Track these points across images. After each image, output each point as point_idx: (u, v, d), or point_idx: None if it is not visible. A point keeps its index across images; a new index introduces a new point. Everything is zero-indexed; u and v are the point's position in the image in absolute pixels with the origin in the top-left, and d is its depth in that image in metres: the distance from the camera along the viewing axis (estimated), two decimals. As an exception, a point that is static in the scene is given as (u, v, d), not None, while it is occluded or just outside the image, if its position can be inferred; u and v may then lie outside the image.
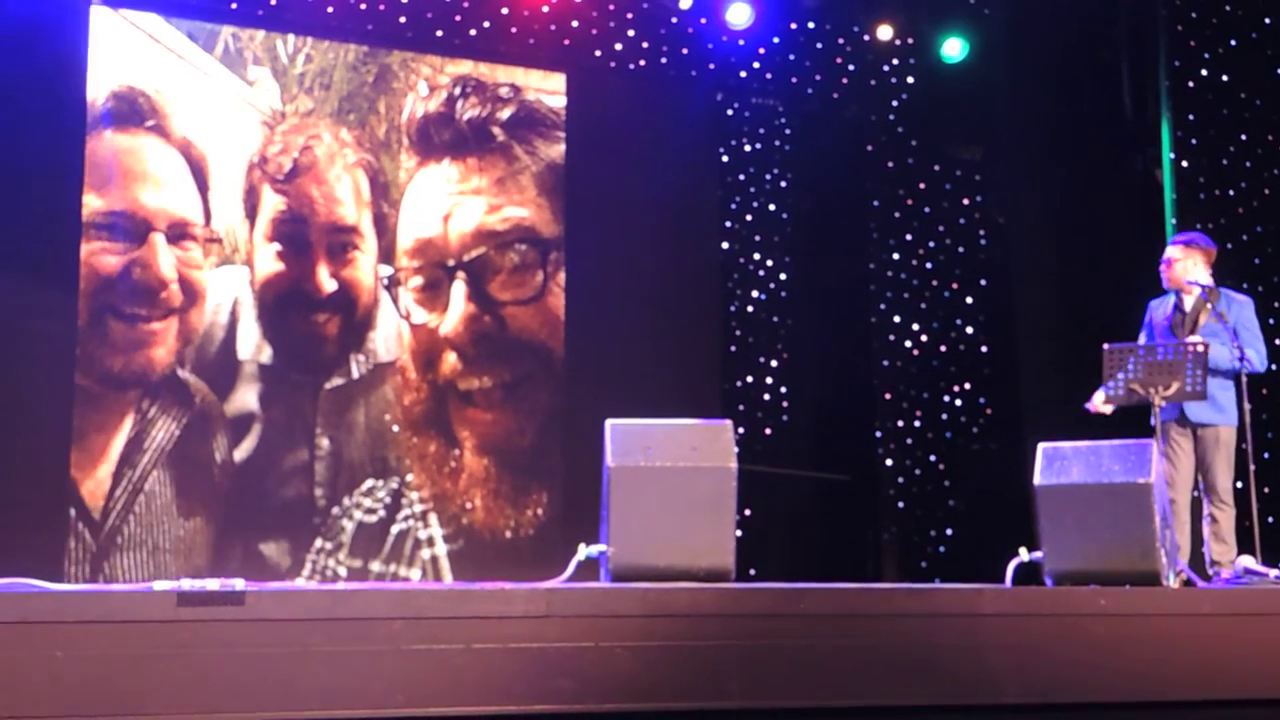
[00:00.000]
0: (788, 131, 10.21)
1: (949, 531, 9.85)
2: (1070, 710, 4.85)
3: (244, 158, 8.51)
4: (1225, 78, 9.17)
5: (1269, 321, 8.04)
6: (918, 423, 9.93)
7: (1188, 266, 6.85)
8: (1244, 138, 9.11)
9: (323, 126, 8.72)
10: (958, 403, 10.01)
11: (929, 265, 10.08)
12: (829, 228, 10.16)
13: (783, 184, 10.17)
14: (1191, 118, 9.16)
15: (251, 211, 8.50)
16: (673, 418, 5.49)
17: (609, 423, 5.32)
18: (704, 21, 9.57)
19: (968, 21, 10.06)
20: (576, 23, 9.30)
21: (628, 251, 9.29)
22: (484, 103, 9.15)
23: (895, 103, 10.17)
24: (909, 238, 10.07)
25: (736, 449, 5.33)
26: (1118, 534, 5.41)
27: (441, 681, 4.26)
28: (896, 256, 10.05)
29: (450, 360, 8.93)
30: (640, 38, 9.51)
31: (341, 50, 8.84)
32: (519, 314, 9.14)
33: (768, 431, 9.86)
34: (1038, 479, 5.61)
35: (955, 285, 10.09)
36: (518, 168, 9.20)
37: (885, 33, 10.04)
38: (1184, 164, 9.12)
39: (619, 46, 9.47)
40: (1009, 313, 9.87)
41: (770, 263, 10.08)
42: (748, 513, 8.60)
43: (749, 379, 9.90)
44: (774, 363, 9.99)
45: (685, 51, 9.63)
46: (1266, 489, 8.17)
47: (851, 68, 10.13)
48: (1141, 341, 6.92)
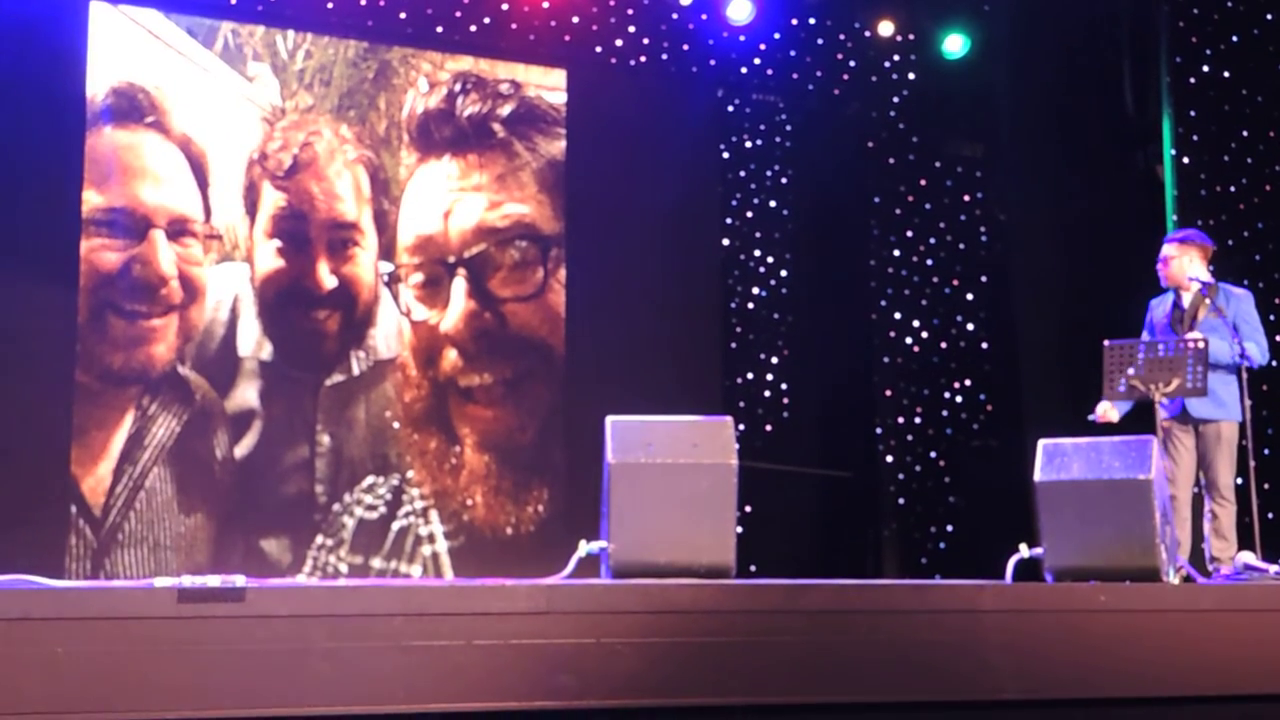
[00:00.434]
0: (788, 128, 10.20)
1: (949, 528, 9.86)
2: (1070, 706, 4.85)
3: (244, 154, 8.50)
4: (1227, 74, 9.17)
5: (1269, 318, 8.03)
6: (918, 419, 9.93)
7: (1184, 264, 6.83)
8: (1245, 134, 9.11)
9: (323, 123, 8.72)
10: (958, 399, 10.01)
11: (930, 262, 10.08)
12: (830, 224, 10.16)
13: (783, 180, 10.16)
14: (1193, 114, 9.16)
15: (252, 208, 8.49)
16: (673, 414, 5.48)
17: (609, 419, 5.32)
18: (705, 17, 9.56)
19: (969, 17, 10.06)
20: (577, 19, 9.29)
21: (628, 248, 9.28)
22: (484, 99, 9.15)
23: (896, 99, 10.18)
24: (910, 234, 10.07)
25: (737, 445, 5.32)
26: (1118, 530, 5.41)
27: (442, 678, 4.26)
28: (897, 253, 10.05)
29: (451, 357, 8.93)
30: (641, 34, 9.51)
31: (341, 46, 8.83)
32: (519, 310, 9.14)
33: (768, 428, 9.86)
34: (1038, 475, 5.60)
35: (956, 282, 10.09)
36: (518, 164, 9.19)
37: (886, 29, 10.04)
38: (1185, 160, 9.12)
39: (619, 42, 9.46)
40: (1010, 309, 9.87)
41: (771, 259, 10.08)
42: (748, 509, 8.60)
43: (750, 375, 9.90)
44: (775, 359, 9.98)
45: (686, 48, 9.62)
46: (1267, 485, 8.18)
47: (852, 64, 10.13)
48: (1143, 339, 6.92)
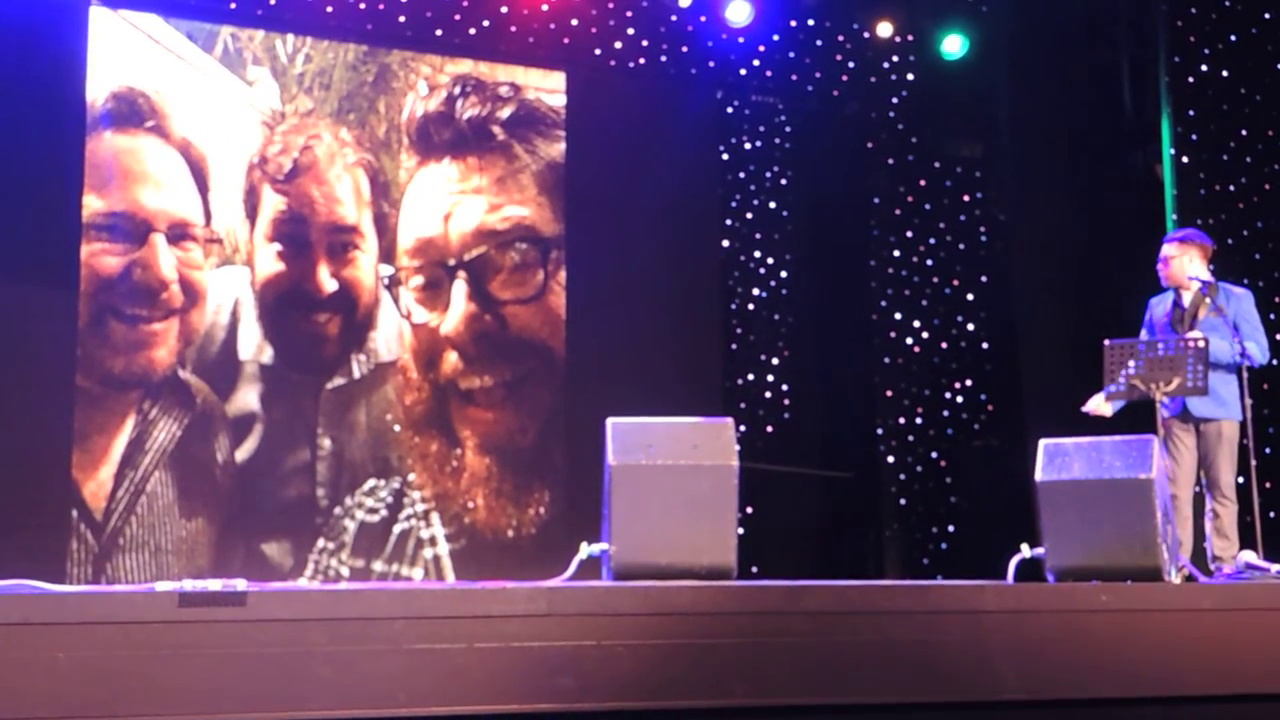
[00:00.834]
0: (788, 129, 10.20)
1: (951, 528, 9.85)
2: (1073, 707, 4.85)
3: (244, 158, 8.50)
4: (1225, 73, 9.17)
5: (1269, 317, 8.03)
6: (919, 420, 9.93)
7: (1184, 263, 6.83)
8: (1244, 133, 9.11)
9: (322, 126, 8.72)
10: (959, 399, 10.01)
11: (930, 262, 10.08)
12: (829, 225, 10.16)
13: (783, 181, 10.16)
14: (1192, 113, 9.16)
15: (252, 212, 8.50)
16: (674, 416, 5.48)
17: (610, 421, 5.32)
18: (704, 19, 9.57)
19: (968, 18, 10.06)
20: (576, 21, 9.29)
21: (628, 250, 9.28)
22: (484, 102, 9.15)
23: (895, 100, 10.18)
24: (909, 235, 10.07)
25: (738, 447, 5.33)
26: (1119, 530, 5.41)
27: (443, 681, 4.26)
28: (897, 254, 10.05)
29: (451, 359, 8.93)
30: (640, 36, 9.51)
31: (341, 50, 8.84)
32: (520, 313, 9.14)
33: (769, 429, 9.86)
34: (1039, 475, 5.60)
35: (956, 282, 10.09)
36: (518, 167, 9.20)
37: (885, 30, 10.04)
38: (1184, 160, 9.12)
39: (619, 45, 9.47)
40: (1010, 309, 9.87)
41: (771, 260, 10.08)
42: (749, 511, 8.60)
43: (750, 377, 9.90)
44: (775, 360, 9.98)
45: (685, 49, 9.63)
46: (1268, 484, 8.17)
47: (851, 65, 10.13)
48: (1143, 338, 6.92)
